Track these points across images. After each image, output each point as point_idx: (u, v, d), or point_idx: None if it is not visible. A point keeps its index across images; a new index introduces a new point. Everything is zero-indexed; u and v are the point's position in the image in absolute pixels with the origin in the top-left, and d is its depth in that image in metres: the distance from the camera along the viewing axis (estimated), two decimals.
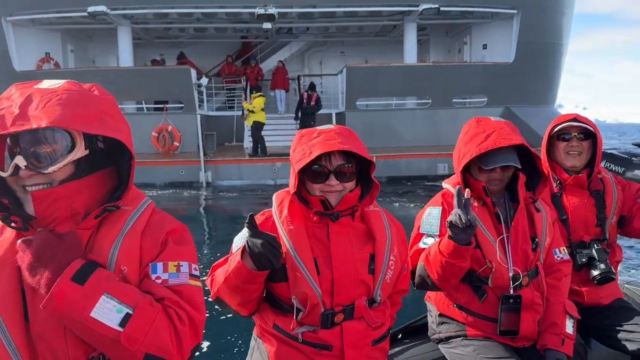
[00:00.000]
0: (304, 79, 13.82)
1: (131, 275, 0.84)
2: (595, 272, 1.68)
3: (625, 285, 2.04)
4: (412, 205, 8.53)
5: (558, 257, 1.59)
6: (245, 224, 1.01)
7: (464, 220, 1.19)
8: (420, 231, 1.51)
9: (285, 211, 1.21)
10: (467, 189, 1.27)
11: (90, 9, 10.75)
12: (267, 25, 11.84)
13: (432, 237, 1.46)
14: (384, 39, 15.08)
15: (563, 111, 14.87)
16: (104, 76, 11.42)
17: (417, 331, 1.82)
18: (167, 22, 13.27)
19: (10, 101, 0.76)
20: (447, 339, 1.57)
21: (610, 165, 5.17)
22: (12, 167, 0.73)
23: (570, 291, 1.65)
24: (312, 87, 11.53)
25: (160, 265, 0.85)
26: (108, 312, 0.71)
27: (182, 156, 11.43)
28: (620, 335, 1.64)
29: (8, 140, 0.74)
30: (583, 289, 1.75)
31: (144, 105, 12.60)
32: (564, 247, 1.63)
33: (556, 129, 1.74)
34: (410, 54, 12.93)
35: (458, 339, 1.53)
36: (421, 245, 1.48)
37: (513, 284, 1.44)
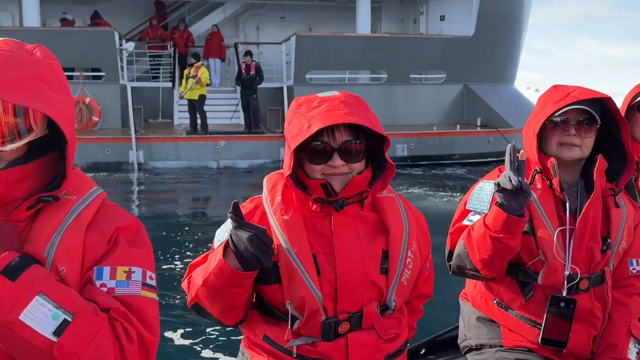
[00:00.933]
0: (241, 46, 12.24)
1: (70, 278, 0.76)
2: None
3: None
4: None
5: (634, 269, 1.44)
6: (229, 214, 0.91)
7: (514, 183, 1.12)
8: (467, 207, 1.39)
9: (279, 198, 1.08)
10: (522, 150, 1.23)
11: None
12: None
13: (480, 214, 1.29)
14: (331, 4, 13.87)
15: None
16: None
17: (445, 345, 1.71)
18: None
19: None
20: (479, 348, 1.45)
21: None
22: None
23: None
24: (248, 53, 10.23)
25: (107, 270, 0.77)
26: (42, 316, 0.65)
27: (105, 133, 10.21)
28: None
29: None
30: None
31: None
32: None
33: (638, 99, 1.65)
34: (363, 23, 11.98)
35: (492, 349, 1.42)
36: (465, 222, 1.36)
37: (568, 285, 1.32)
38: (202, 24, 13.48)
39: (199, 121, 9.97)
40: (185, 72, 9.90)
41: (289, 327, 1.01)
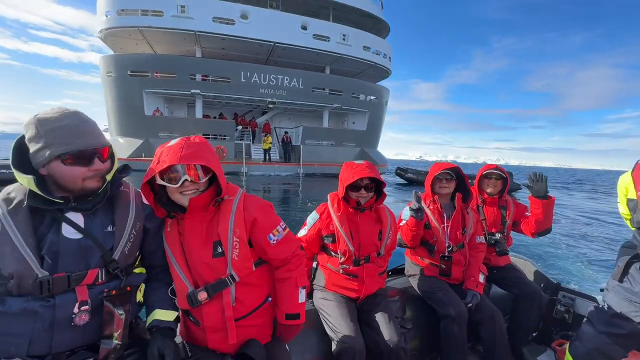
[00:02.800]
0: (278, 129, 27.35)
1: (242, 234, 1.41)
2: (497, 249, 2.79)
3: (512, 256, 3.22)
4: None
5: (478, 240, 2.59)
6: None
7: (416, 207, 2.28)
8: (401, 217, 2.50)
9: (336, 205, 2.11)
10: (420, 193, 2.38)
11: (193, 90, 22.52)
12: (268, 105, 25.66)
13: (405, 220, 2.45)
14: (313, 115, 28.62)
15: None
16: (183, 123, 22.89)
17: (399, 271, 2.88)
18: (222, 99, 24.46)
19: (174, 147, 1.35)
20: (414, 275, 2.62)
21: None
22: (182, 181, 1.34)
23: (487, 258, 2.77)
24: (286, 132, 25.57)
25: (270, 235, 1.49)
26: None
27: (228, 159, 22.53)
28: (508, 282, 2.77)
29: (179, 167, 1.34)
30: (490, 257, 2.82)
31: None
32: (482, 235, 2.65)
33: (484, 173, 2.89)
34: (325, 121, 27.69)
35: (419, 275, 2.57)
36: (401, 224, 2.47)
37: (448, 250, 2.46)
38: (261, 119, 26.89)
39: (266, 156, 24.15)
40: (263, 138, 23.78)
41: (339, 259, 2.12)
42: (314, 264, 2.30)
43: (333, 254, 2.13)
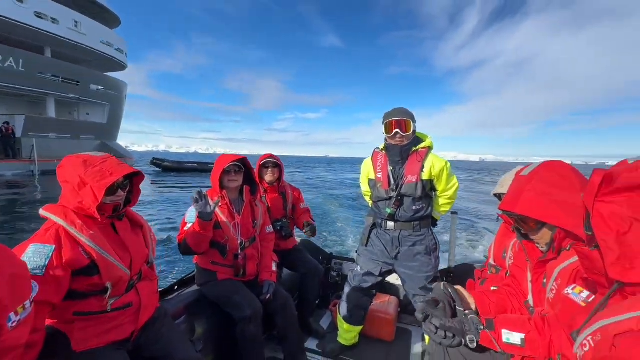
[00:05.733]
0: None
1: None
2: (283, 233, 2.91)
3: (297, 238, 3.31)
4: None
5: (267, 230, 2.54)
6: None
7: (205, 209, 1.98)
8: (186, 220, 2.19)
9: (79, 222, 1.42)
10: (204, 191, 2.07)
11: None
12: None
13: (192, 223, 2.11)
14: (33, 103, 24.06)
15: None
16: None
17: (187, 282, 2.48)
18: None
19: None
20: (206, 283, 2.29)
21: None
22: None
23: (276, 244, 2.76)
24: (5, 123, 19.78)
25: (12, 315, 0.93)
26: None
27: None
28: (295, 264, 2.96)
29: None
30: (279, 242, 2.92)
31: None
32: (270, 225, 2.59)
33: (262, 162, 2.87)
34: (51, 112, 23.75)
35: (213, 282, 2.28)
36: (186, 228, 2.16)
37: (240, 247, 2.27)
38: None
39: None
40: None
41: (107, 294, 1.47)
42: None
43: (90, 294, 1.44)
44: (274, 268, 2.50)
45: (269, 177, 2.92)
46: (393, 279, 3.35)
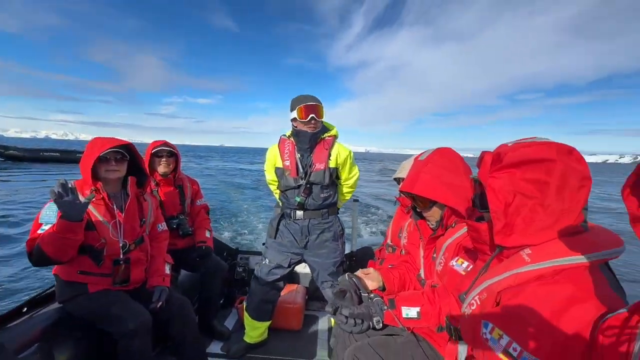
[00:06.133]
0: None
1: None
2: (181, 232, 2.72)
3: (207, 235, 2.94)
4: None
5: (159, 229, 2.28)
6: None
7: (70, 200, 1.52)
8: (40, 221, 1.72)
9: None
10: (71, 182, 1.60)
11: None
12: None
13: (50, 224, 1.69)
14: None
15: None
16: None
17: (42, 300, 1.95)
18: None
19: None
20: (72, 298, 1.85)
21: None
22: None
23: (172, 243, 2.58)
24: None
25: None
26: None
27: None
28: (194, 263, 2.72)
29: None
30: (176, 241, 2.70)
31: None
32: (163, 222, 2.31)
33: (153, 150, 2.56)
34: None
35: (82, 295, 1.85)
36: (39, 231, 1.70)
37: (123, 251, 1.93)
38: None
39: None
40: None
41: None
42: None
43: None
44: (167, 271, 2.18)
45: (162, 168, 2.61)
46: (300, 267, 3.41)
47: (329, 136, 2.35)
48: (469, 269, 1.28)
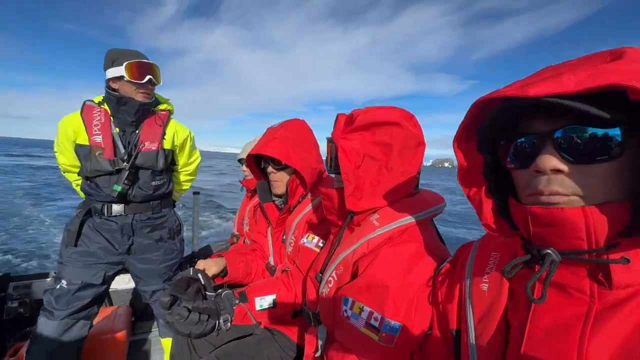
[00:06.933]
0: None
1: None
2: None
3: None
4: None
5: None
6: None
7: None
8: None
9: None
10: None
11: None
12: None
13: None
14: None
15: None
16: None
17: None
18: None
19: None
20: None
21: None
22: None
23: None
24: None
25: None
26: None
27: None
28: None
29: None
30: None
31: None
32: None
33: None
34: None
35: None
36: None
37: None
38: None
39: None
40: None
41: None
42: None
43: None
44: None
45: None
46: (119, 281, 2.76)
47: (162, 110, 1.93)
48: (320, 244, 1.26)
